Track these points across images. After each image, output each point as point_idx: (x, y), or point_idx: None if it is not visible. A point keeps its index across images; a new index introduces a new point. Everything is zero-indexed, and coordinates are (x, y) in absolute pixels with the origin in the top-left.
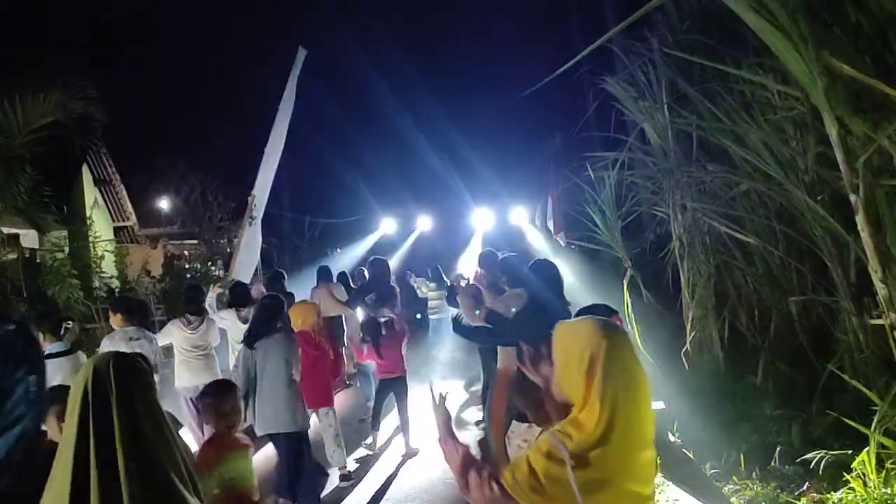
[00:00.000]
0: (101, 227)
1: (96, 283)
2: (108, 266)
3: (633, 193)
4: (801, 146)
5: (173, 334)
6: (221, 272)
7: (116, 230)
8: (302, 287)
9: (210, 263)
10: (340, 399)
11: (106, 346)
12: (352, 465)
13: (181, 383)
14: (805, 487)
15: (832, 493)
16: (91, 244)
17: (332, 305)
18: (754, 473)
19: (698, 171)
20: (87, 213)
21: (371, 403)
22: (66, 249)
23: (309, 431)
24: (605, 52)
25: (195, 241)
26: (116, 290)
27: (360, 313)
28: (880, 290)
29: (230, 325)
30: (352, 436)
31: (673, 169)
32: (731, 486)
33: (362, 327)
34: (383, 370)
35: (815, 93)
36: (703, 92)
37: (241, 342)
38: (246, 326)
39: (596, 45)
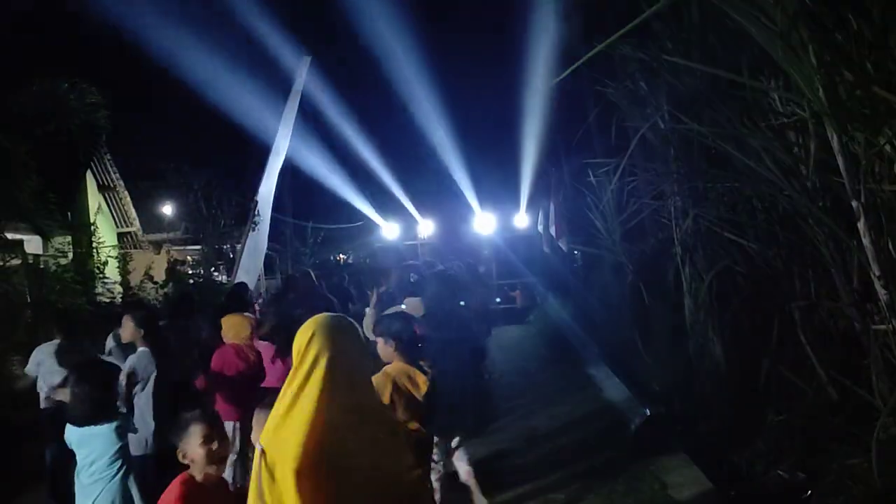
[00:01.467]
0: (104, 233)
1: (100, 289)
2: (112, 272)
3: (635, 199)
4: (802, 152)
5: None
6: (225, 278)
7: (120, 236)
8: None
9: (213, 269)
10: None
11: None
12: None
13: None
14: (808, 494)
15: (835, 499)
16: (95, 250)
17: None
18: (758, 480)
19: (699, 177)
20: (91, 219)
21: None
22: (70, 255)
23: None
24: (606, 57)
25: (198, 247)
26: (119, 295)
27: None
28: (882, 295)
29: None
30: None
31: (674, 175)
32: (734, 493)
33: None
34: None
35: (817, 98)
36: (704, 97)
37: None
38: None
39: (595, 51)
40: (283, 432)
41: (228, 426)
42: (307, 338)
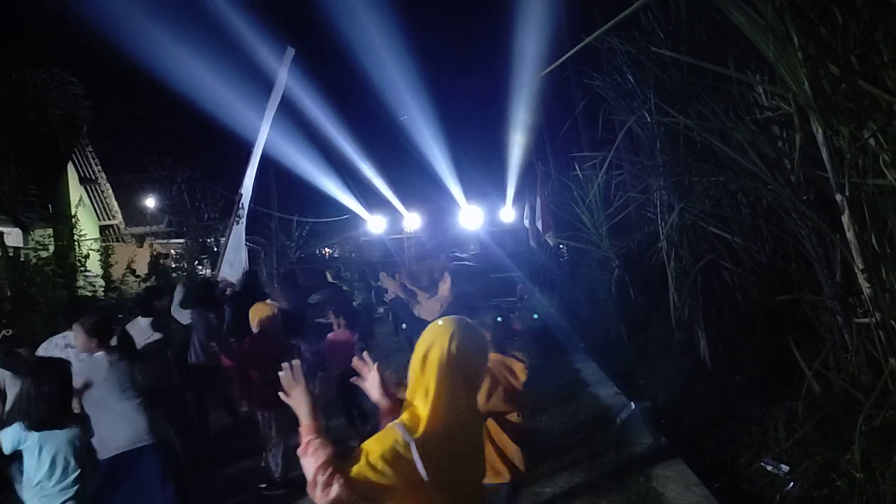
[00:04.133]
0: (86, 226)
1: (81, 282)
2: (94, 265)
3: (621, 193)
4: (787, 146)
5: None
6: (209, 271)
7: (102, 229)
8: None
9: (197, 263)
10: None
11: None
12: None
13: None
14: (791, 485)
15: (818, 491)
16: (76, 243)
17: None
18: (742, 472)
19: (685, 171)
20: (73, 212)
21: None
22: (51, 248)
23: None
24: (594, 50)
25: (182, 240)
26: (101, 288)
27: None
28: (865, 289)
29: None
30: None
31: (660, 168)
32: (718, 485)
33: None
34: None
35: (802, 92)
36: (690, 91)
37: None
38: None
39: (582, 45)
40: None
41: (263, 416)
42: (432, 338)
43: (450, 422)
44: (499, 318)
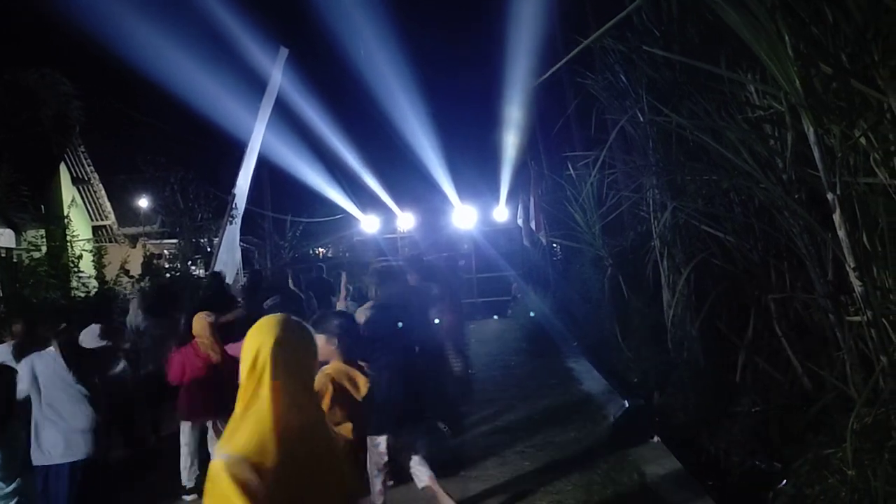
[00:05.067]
0: (79, 227)
1: (74, 283)
2: (87, 266)
3: (614, 192)
4: (778, 144)
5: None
6: (202, 272)
7: (95, 229)
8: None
9: (190, 263)
10: None
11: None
12: None
13: None
14: (784, 483)
15: (811, 488)
16: (68, 243)
17: None
18: (734, 470)
19: (678, 170)
20: (65, 212)
21: None
22: (44, 249)
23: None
24: (586, 49)
25: (175, 240)
26: (94, 289)
27: None
28: (857, 287)
29: None
30: None
31: (652, 167)
32: (711, 483)
33: None
34: None
35: (793, 91)
36: (683, 90)
37: None
38: None
39: (578, 50)
40: (239, 434)
41: (185, 427)
42: (257, 339)
43: (289, 425)
44: (343, 327)
